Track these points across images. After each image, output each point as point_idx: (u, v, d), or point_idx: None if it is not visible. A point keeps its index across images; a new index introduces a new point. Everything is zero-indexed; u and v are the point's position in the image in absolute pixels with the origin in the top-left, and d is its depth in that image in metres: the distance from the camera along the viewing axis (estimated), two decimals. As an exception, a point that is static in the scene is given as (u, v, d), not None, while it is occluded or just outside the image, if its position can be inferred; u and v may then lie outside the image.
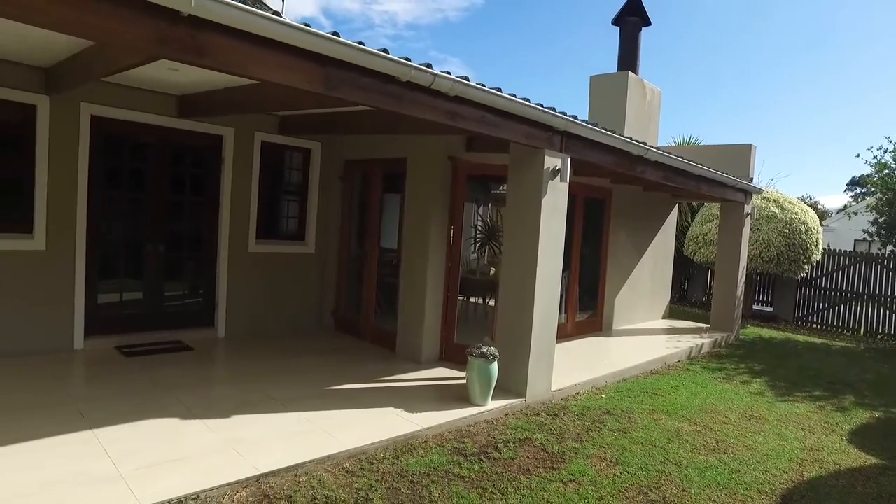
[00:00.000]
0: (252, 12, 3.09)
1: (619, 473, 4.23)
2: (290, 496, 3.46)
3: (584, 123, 5.68)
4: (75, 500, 3.18)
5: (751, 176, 10.66)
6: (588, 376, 6.50)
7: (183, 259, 7.09)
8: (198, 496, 3.34)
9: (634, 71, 10.37)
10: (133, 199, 6.58)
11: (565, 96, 78.98)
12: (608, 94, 10.24)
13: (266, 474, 3.65)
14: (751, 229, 11.14)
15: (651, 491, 4.00)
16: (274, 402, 4.94)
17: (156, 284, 6.82)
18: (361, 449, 4.17)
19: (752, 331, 11.36)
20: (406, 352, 6.75)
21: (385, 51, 3.83)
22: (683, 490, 4.05)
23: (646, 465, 4.42)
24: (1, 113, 5.59)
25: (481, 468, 4.10)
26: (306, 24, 3.39)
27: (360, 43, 3.68)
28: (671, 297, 11.82)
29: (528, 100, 5.04)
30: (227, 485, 3.48)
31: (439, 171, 6.51)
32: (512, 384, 5.58)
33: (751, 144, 10.93)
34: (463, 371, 6.13)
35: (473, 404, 5.25)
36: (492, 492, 3.78)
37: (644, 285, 10.45)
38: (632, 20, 10.45)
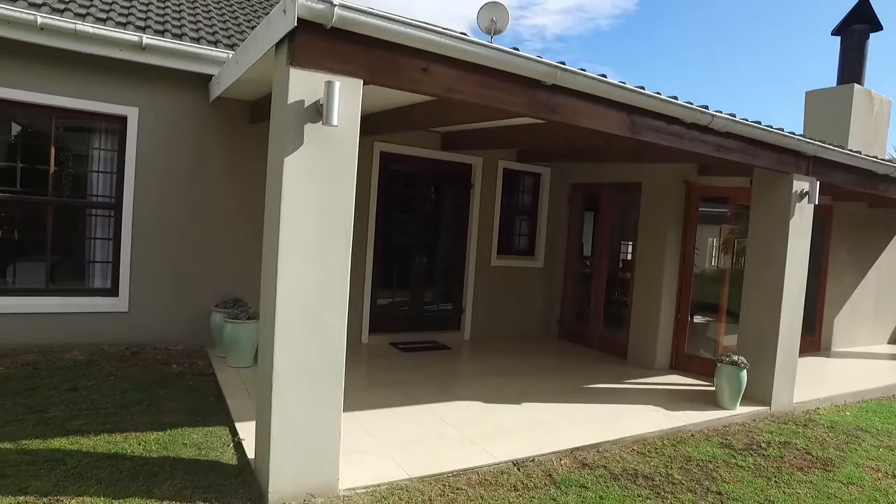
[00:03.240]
0: (594, 77, 3.97)
1: (897, 483, 4.45)
2: (604, 465, 4.24)
3: (833, 148, 5.95)
4: (452, 450, 4.22)
5: None
6: (824, 393, 6.61)
7: (439, 270, 8.33)
8: (534, 458, 4.23)
9: (860, 82, 10.00)
10: (402, 219, 7.92)
11: (719, 99, 74.21)
12: (829, 108, 10.01)
13: (576, 448, 4.47)
14: None
15: (944, 503, 4.18)
16: (547, 394, 5.81)
17: (418, 291, 8.10)
18: (642, 436, 4.85)
19: None
20: (638, 359, 7.34)
21: (675, 97, 4.54)
22: None
23: (926, 479, 4.57)
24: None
25: (755, 461, 4.58)
26: (622, 83, 4.20)
27: (658, 93, 4.42)
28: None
29: (782, 129, 5.45)
30: (551, 453, 4.34)
31: (674, 194, 7.05)
32: (756, 393, 5.93)
33: None
34: (695, 378, 6.71)
35: (722, 407, 5.70)
36: (776, 481, 4.25)
37: (867, 307, 10.00)
38: (858, 28, 10.08)
